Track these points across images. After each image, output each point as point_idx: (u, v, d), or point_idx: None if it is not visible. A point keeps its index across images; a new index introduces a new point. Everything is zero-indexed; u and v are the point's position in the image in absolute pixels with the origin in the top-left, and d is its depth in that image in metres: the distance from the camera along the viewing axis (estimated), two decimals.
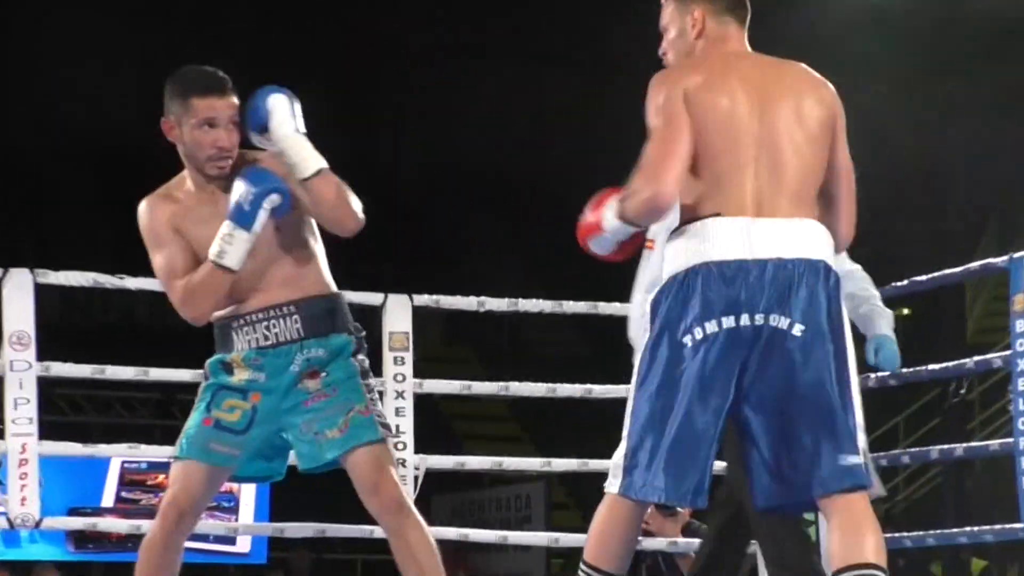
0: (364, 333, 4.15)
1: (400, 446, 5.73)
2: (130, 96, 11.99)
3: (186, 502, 3.92)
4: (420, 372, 5.86)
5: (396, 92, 15.32)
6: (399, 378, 5.78)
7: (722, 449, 3.79)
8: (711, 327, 3.04)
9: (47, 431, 5.47)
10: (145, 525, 7.28)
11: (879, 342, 4.23)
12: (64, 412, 5.37)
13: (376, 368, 5.75)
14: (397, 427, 5.75)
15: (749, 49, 3.35)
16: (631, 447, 3.19)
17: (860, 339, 4.39)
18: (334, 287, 4.12)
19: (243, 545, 12.70)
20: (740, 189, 3.11)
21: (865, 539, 2.94)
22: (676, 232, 3.17)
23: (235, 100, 3.99)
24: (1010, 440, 5.11)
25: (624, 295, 6.27)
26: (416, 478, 5.76)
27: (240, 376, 3.98)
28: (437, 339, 8.76)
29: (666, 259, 3.18)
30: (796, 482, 3.06)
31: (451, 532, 6.55)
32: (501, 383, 6.37)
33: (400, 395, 5.78)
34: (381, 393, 5.73)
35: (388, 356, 5.78)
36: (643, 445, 3.15)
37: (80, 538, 10.78)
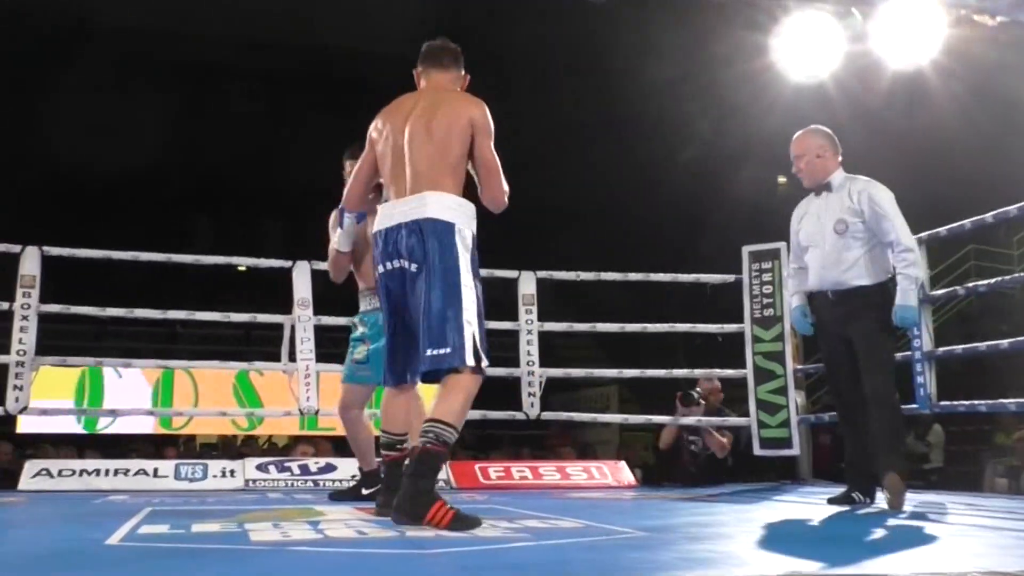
0: None
1: (530, 363, 5.79)
2: None
3: (348, 403, 4.41)
4: (541, 318, 5.87)
5: None
6: (529, 322, 5.81)
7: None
8: (379, 269, 3.08)
9: (319, 357, 5.55)
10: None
11: (894, 310, 3.93)
12: (328, 347, 5.50)
13: (514, 316, 5.82)
14: (528, 352, 5.80)
15: (443, 84, 3.26)
16: None
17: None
18: None
19: None
20: (397, 180, 3.10)
21: (446, 403, 2.87)
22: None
23: None
24: None
25: (665, 270, 6.27)
26: (540, 383, 5.79)
27: (359, 330, 4.38)
28: (550, 299, 8.76)
29: None
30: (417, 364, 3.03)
31: (563, 415, 6.57)
32: (590, 324, 6.36)
33: (529, 332, 5.81)
34: (517, 331, 5.81)
35: (522, 309, 5.82)
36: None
37: None
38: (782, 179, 14.29)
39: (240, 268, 6.13)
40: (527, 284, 5.84)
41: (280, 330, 5.55)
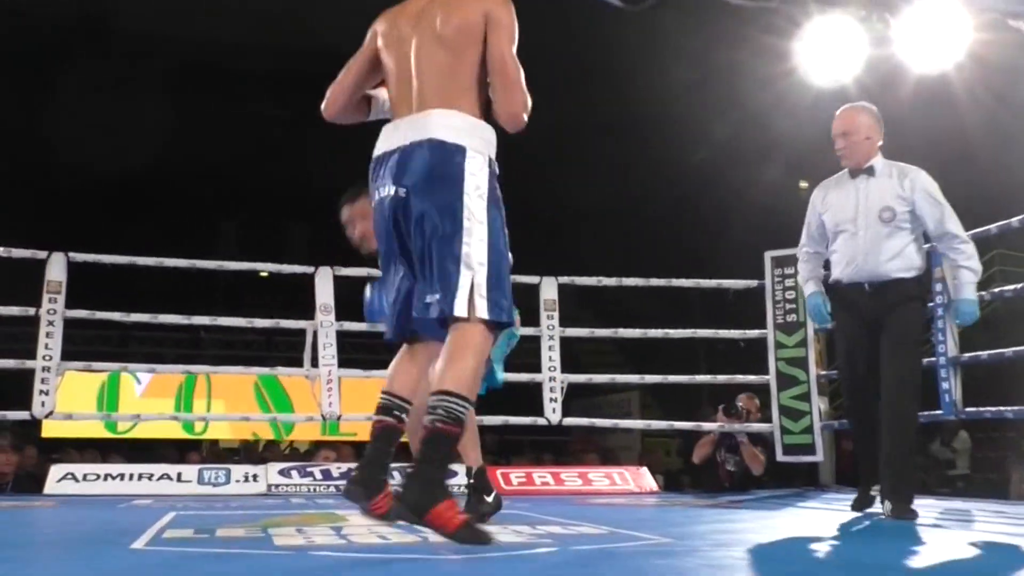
0: None
1: (552, 369, 5.78)
2: None
3: None
4: (562, 324, 5.87)
5: None
6: (550, 328, 5.81)
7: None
8: (375, 196, 2.60)
9: (341, 363, 5.57)
10: None
11: (953, 305, 3.75)
12: (350, 352, 5.51)
13: (535, 322, 5.81)
14: (550, 357, 5.79)
15: None
16: None
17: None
18: None
19: None
20: (402, 99, 2.61)
21: (453, 367, 2.36)
22: None
23: None
24: None
25: (687, 275, 6.25)
26: (562, 388, 5.78)
27: None
28: (572, 304, 8.71)
29: None
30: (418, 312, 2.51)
31: (584, 421, 6.57)
32: (612, 329, 6.36)
33: (551, 338, 5.81)
34: (538, 337, 5.80)
35: (543, 314, 5.82)
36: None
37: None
38: (804, 184, 14.27)
39: (263, 274, 6.16)
40: (549, 289, 5.85)
41: (303, 335, 5.58)
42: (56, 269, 5.29)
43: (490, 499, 3.58)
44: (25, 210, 12.03)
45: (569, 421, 5.95)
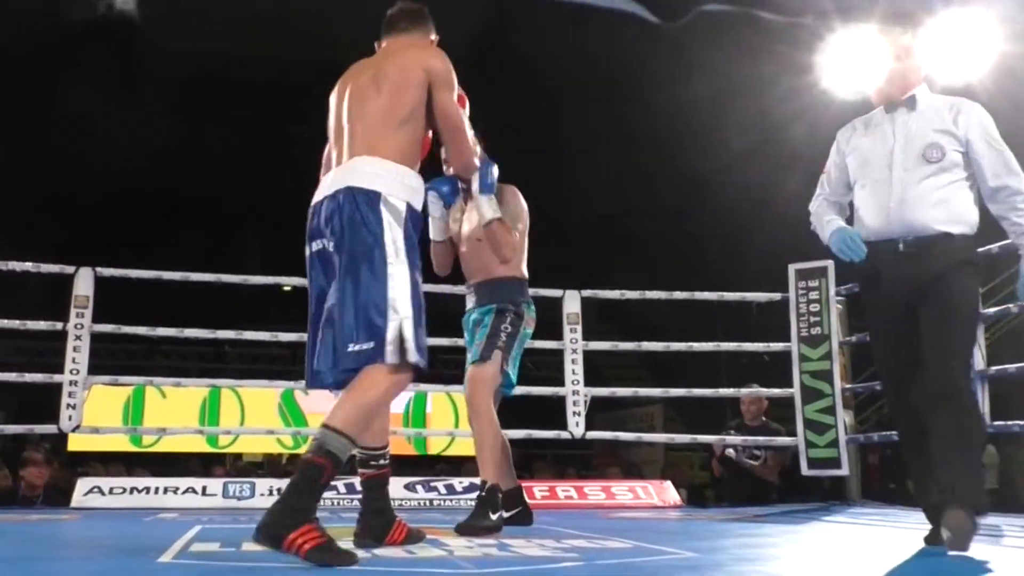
0: (513, 304, 3.74)
1: (575, 382, 5.77)
2: None
3: None
4: (585, 337, 5.86)
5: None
6: (573, 341, 5.80)
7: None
8: (306, 251, 2.67)
9: None
10: None
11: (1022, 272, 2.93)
12: None
13: (558, 335, 5.81)
14: (573, 371, 5.77)
15: (403, 46, 2.84)
16: None
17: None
18: (506, 273, 3.74)
19: None
20: (337, 148, 2.70)
21: (345, 405, 2.39)
22: None
23: None
24: None
25: (710, 289, 6.23)
26: (585, 402, 5.77)
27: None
28: (595, 317, 8.69)
29: None
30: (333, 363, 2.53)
31: (607, 435, 6.54)
32: (635, 343, 6.33)
33: (574, 351, 5.79)
34: (561, 350, 5.79)
35: (566, 328, 5.81)
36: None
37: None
38: None
39: (285, 288, 6.18)
40: (571, 303, 5.84)
41: None
42: (84, 284, 5.34)
43: (494, 518, 3.47)
44: (53, 226, 12.16)
45: (592, 435, 5.94)
